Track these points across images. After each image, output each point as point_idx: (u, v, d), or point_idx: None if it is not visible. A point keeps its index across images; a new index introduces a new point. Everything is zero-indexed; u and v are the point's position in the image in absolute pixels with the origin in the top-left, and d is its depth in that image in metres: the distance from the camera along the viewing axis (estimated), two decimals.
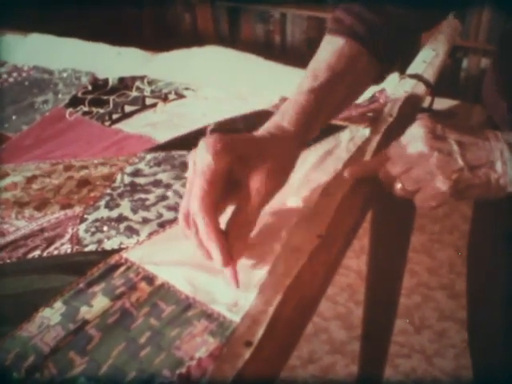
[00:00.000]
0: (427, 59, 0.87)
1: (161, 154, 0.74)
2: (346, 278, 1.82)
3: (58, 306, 0.52)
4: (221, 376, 0.44)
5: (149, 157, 0.73)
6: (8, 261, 0.59)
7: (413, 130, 0.58)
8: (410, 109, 0.76)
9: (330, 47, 0.67)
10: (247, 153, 0.54)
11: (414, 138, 0.58)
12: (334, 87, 0.64)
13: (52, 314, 0.51)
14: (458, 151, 0.56)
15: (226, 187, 0.53)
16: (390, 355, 1.40)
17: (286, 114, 0.60)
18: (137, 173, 0.71)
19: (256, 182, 0.54)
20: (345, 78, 0.65)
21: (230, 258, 0.52)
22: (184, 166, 0.70)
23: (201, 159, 0.52)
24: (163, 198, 0.65)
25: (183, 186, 0.67)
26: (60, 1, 2.34)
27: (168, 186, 0.67)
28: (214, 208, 0.52)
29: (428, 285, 1.83)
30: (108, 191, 0.68)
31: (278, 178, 0.57)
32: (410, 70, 0.84)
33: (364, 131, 0.73)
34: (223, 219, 0.54)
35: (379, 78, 0.73)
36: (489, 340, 0.87)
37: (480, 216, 0.86)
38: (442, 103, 0.85)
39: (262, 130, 0.59)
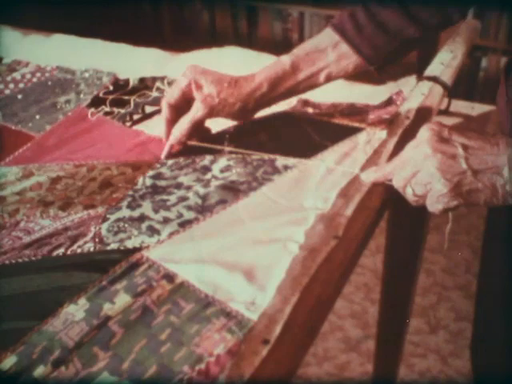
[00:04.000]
0: (445, 61, 0.87)
1: (181, 158, 0.75)
2: (361, 277, 1.83)
3: (83, 302, 0.54)
4: (239, 372, 0.45)
5: (170, 162, 0.75)
6: (33, 258, 0.61)
7: (421, 133, 0.59)
8: (427, 111, 0.77)
9: (322, 33, 0.78)
10: (205, 83, 0.74)
11: (421, 141, 0.59)
12: (313, 57, 0.75)
13: (76, 310, 0.53)
14: (463, 154, 0.56)
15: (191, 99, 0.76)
16: (405, 355, 1.41)
17: (265, 68, 0.76)
18: (158, 176, 0.72)
19: (198, 104, 0.74)
20: (327, 54, 0.75)
21: (167, 137, 0.77)
22: (205, 169, 0.72)
23: (178, 79, 0.76)
24: (184, 198, 0.67)
25: (204, 186, 0.68)
26: (79, 1, 2.37)
27: (189, 188, 0.69)
28: (171, 106, 0.76)
29: (444, 285, 1.83)
30: (130, 193, 0.70)
31: (218, 109, 0.75)
32: (428, 72, 0.85)
33: (381, 134, 0.74)
34: None
35: (375, 70, 0.78)
36: (493, 341, 0.87)
37: (494, 217, 0.86)
38: (458, 105, 0.85)
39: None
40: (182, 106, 0.76)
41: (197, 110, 0.74)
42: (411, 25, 0.73)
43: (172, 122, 0.77)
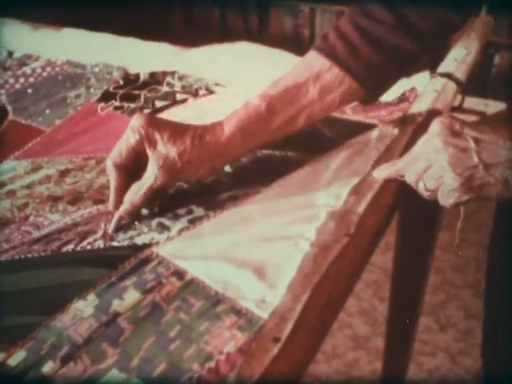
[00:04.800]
0: (458, 57, 0.86)
1: None
2: (371, 275, 1.82)
3: (92, 298, 0.53)
4: (249, 371, 0.45)
5: None
6: (43, 253, 0.61)
7: (432, 127, 0.58)
8: (440, 108, 0.76)
9: (303, 60, 0.66)
10: (160, 137, 0.60)
11: (432, 135, 0.58)
12: (292, 96, 0.64)
13: (85, 306, 0.53)
14: (475, 148, 0.55)
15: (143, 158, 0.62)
16: (414, 353, 1.40)
17: (233, 115, 0.63)
18: None
19: (153, 166, 0.61)
20: (308, 89, 0.64)
21: (117, 207, 0.62)
22: None
23: (125, 131, 0.62)
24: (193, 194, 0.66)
25: (213, 182, 0.68)
26: None
27: (198, 183, 0.68)
28: (119, 169, 0.63)
29: (453, 283, 1.82)
30: None
31: (180, 172, 0.61)
32: (441, 69, 0.84)
33: (393, 130, 0.73)
34: None
35: (367, 99, 0.70)
36: (503, 340, 0.86)
37: (502, 215, 0.85)
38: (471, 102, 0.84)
39: (203, 124, 0.64)
40: (132, 165, 0.63)
41: (154, 178, 0.61)
42: (410, 39, 0.66)
43: (122, 186, 0.63)
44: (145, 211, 0.64)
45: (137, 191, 0.62)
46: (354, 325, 1.69)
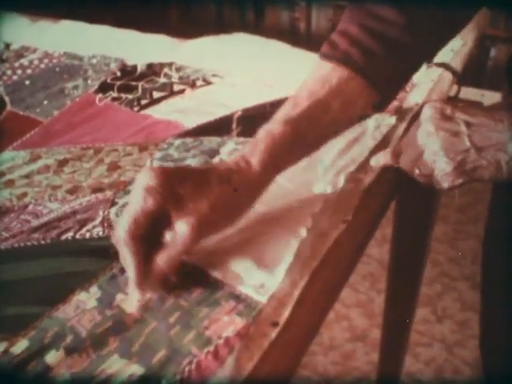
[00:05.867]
0: (455, 48, 0.87)
1: (189, 140, 0.75)
2: (367, 267, 1.83)
3: (94, 290, 0.54)
4: (247, 354, 0.45)
5: (177, 142, 0.75)
6: (42, 242, 0.61)
7: (424, 112, 0.59)
8: (436, 97, 0.76)
9: (317, 73, 0.61)
10: (184, 192, 0.51)
11: (424, 120, 0.58)
12: (316, 116, 0.59)
13: (88, 299, 0.53)
14: (466, 132, 0.55)
15: (163, 220, 0.51)
16: (411, 344, 1.41)
17: (256, 147, 0.56)
18: (166, 158, 0.72)
19: (184, 227, 0.51)
20: (330, 105, 0.59)
21: (142, 285, 0.51)
22: (212, 152, 0.72)
23: (135, 192, 0.52)
24: None
25: None
26: None
27: None
28: (137, 240, 0.51)
29: (450, 275, 1.83)
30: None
31: (216, 224, 0.53)
32: (438, 59, 0.84)
33: (390, 119, 0.73)
34: None
35: (379, 106, 0.66)
36: (502, 331, 0.86)
37: (497, 200, 0.85)
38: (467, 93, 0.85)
39: (223, 162, 0.56)
40: (150, 232, 0.52)
41: (187, 241, 0.51)
42: (423, 39, 0.63)
43: (143, 262, 0.51)
44: None
45: (166, 261, 0.51)
46: (351, 316, 1.70)
